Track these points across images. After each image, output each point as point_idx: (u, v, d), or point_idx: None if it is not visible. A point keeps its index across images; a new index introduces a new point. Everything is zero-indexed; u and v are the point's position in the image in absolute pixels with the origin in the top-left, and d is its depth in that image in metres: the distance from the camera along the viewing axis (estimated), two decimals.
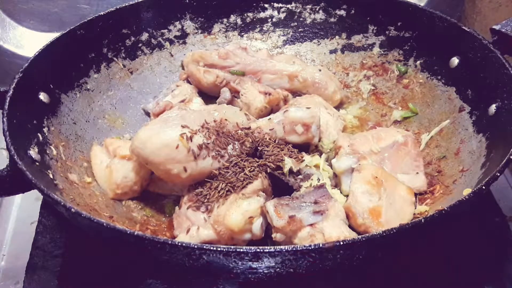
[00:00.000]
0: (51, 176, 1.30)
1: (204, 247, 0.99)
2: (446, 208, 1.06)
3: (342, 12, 1.81)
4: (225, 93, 1.63)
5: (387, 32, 1.76)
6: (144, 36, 1.76)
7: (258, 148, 1.40)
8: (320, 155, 1.49)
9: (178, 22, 1.81)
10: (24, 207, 1.66)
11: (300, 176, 1.39)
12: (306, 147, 1.52)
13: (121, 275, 1.32)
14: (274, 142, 1.44)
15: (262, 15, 1.87)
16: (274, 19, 1.87)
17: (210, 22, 1.85)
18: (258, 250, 0.98)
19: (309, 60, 1.86)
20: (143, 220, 1.40)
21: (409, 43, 1.72)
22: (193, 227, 1.28)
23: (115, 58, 1.70)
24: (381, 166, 1.41)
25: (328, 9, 1.82)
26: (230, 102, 1.61)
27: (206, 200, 1.29)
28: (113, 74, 1.69)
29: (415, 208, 1.36)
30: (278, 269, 1.05)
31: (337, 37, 1.84)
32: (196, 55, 1.73)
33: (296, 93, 1.72)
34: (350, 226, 1.29)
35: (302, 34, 1.87)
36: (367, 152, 1.44)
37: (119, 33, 1.70)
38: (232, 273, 1.08)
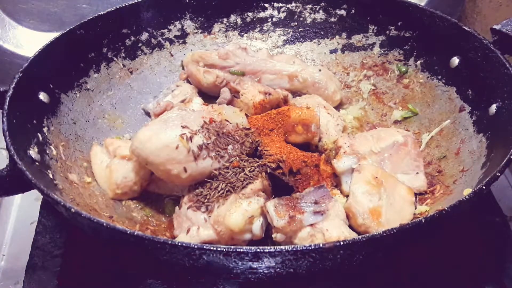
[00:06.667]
0: (51, 176, 1.30)
1: (204, 247, 0.99)
2: (446, 208, 1.06)
3: (342, 12, 1.81)
4: (225, 93, 1.63)
5: (387, 32, 1.76)
6: (144, 36, 1.75)
7: (258, 148, 1.40)
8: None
9: (178, 22, 1.81)
10: (24, 207, 1.66)
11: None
12: (306, 147, 1.52)
13: (121, 275, 1.32)
14: None
15: (262, 14, 1.86)
16: (274, 19, 1.87)
17: (210, 22, 1.84)
18: (258, 250, 0.98)
19: (309, 60, 1.86)
20: (143, 220, 1.40)
21: (409, 43, 1.72)
22: (193, 227, 1.27)
23: (115, 58, 1.69)
24: (381, 166, 1.41)
25: (328, 8, 1.82)
26: (230, 102, 1.61)
27: (206, 200, 1.29)
28: (113, 74, 1.69)
29: (415, 208, 1.36)
30: (278, 269, 1.05)
31: (337, 36, 1.84)
32: (196, 55, 1.73)
33: (296, 93, 1.72)
34: (350, 226, 1.29)
35: (302, 33, 1.87)
36: (367, 152, 1.44)
37: (119, 33, 1.69)
38: (232, 273, 1.08)
